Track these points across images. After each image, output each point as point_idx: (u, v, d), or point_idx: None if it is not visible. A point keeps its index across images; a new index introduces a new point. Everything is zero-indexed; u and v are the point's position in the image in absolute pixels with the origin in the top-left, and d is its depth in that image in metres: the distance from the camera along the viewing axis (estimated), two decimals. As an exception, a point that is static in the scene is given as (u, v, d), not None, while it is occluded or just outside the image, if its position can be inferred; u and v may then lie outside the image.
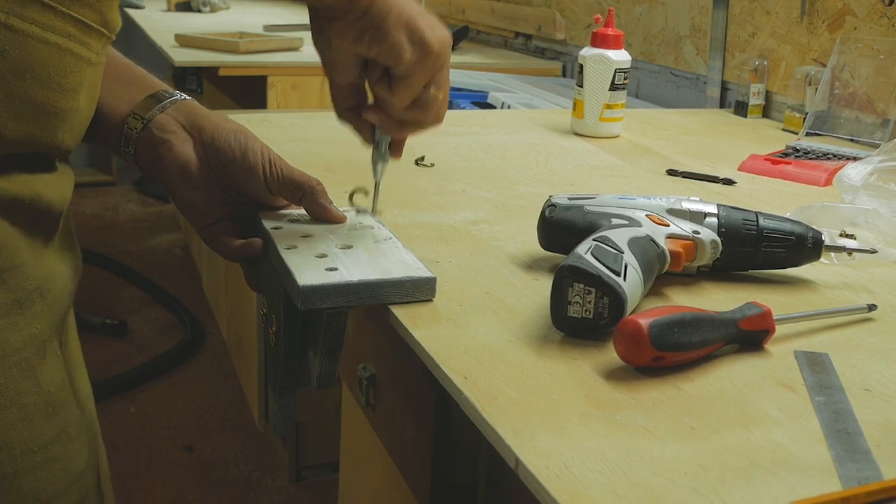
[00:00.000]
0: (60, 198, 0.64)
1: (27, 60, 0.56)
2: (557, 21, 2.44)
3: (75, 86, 0.60)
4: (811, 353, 0.67)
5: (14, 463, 0.60)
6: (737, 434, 0.55)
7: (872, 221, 0.92)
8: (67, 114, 0.60)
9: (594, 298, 0.65)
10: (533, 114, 1.66)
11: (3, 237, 0.59)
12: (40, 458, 0.62)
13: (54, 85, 0.58)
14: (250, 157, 0.75)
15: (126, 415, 2.30)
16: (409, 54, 0.68)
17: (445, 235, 0.90)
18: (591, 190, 1.12)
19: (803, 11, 1.63)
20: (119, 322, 2.69)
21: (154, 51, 2.50)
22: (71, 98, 0.60)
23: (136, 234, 3.59)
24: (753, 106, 1.69)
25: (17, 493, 0.60)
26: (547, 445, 0.52)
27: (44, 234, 0.63)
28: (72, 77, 0.59)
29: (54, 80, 0.58)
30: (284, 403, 0.77)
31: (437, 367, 0.62)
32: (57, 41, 0.57)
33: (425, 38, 0.69)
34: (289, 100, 2.34)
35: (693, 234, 0.77)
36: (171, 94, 0.77)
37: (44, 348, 0.62)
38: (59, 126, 0.60)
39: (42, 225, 0.63)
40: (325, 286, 0.67)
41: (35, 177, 0.61)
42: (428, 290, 0.71)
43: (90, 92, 0.64)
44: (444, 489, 0.92)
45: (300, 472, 2.04)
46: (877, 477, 0.51)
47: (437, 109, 0.74)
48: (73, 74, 0.59)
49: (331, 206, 0.79)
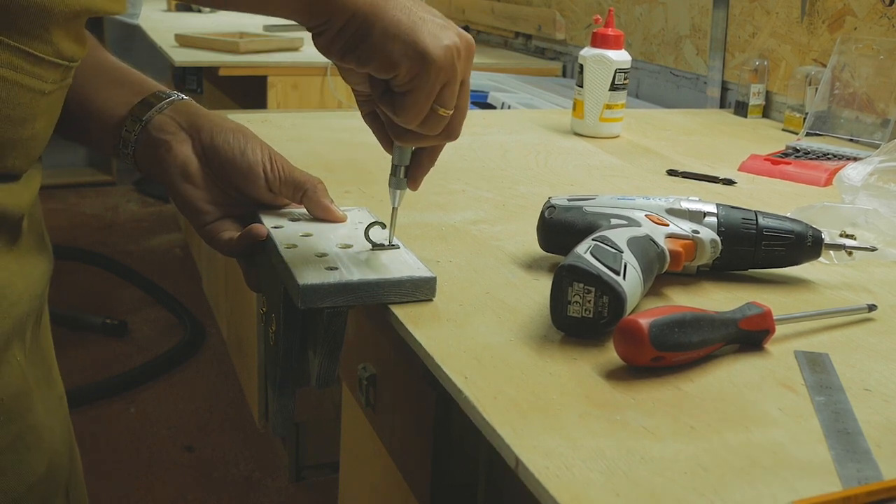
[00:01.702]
0: (18, 203, 0.61)
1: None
2: (557, 21, 2.44)
3: (27, 116, 0.58)
4: (811, 353, 0.67)
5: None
6: (737, 434, 0.55)
7: (872, 221, 0.92)
8: (17, 143, 0.59)
9: (594, 298, 0.65)
10: (533, 114, 1.66)
11: None
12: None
13: (2, 118, 0.56)
14: (250, 156, 0.75)
15: (126, 415, 2.29)
16: (404, 68, 0.61)
17: (445, 235, 0.90)
18: (591, 190, 1.12)
19: (803, 11, 1.63)
20: (119, 322, 2.69)
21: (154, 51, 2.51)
22: (21, 128, 0.58)
23: (136, 234, 3.59)
24: (753, 106, 1.69)
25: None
26: (547, 445, 0.52)
27: (2, 238, 0.61)
28: (21, 108, 0.57)
29: (2, 112, 0.56)
30: (284, 403, 0.77)
31: (437, 367, 0.62)
32: (4, 74, 0.55)
33: (423, 49, 0.61)
34: (289, 100, 2.34)
35: (692, 234, 0.77)
36: (168, 94, 0.77)
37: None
38: (8, 154, 0.59)
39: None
40: (325, 285, 0.67)
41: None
42: (428, 289, 0.71)
43: (48, 117, 0.62)
44: (444, 489, 0.92)
45: (300, 472, 2.04)
46: (877, 477, 0.51)
47: (444, 125, 0.66)
48: (23, 106, 0.57)
49: (332, 204, 0.79)
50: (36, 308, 0.65)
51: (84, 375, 2.43)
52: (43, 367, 0.69)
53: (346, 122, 1.43)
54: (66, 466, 0.70)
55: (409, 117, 0.64)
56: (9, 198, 0.60)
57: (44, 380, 0.68)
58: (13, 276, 0.61)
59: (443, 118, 0.65)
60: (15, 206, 0.61)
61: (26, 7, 0.54)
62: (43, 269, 0.67)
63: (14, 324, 0.61)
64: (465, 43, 0.64)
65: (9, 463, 0.62)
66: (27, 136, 0.59)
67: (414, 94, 0.63)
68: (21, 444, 0.63)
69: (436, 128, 0.66)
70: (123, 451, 2.14)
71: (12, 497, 0.62)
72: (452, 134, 0.68)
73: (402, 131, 0.67)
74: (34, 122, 0.59)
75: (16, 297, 0.61)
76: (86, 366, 2.48)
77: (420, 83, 0.62)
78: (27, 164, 0.62)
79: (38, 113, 0.59)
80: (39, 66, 0.57)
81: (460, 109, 0.67)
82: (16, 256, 0.62)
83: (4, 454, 0.61)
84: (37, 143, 0.61)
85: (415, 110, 0.64)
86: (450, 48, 0.62)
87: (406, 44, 0.61)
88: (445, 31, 0.62)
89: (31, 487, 0.64)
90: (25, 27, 0.55)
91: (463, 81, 0.65)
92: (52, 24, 0.57)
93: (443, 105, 0.64)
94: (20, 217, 0.62)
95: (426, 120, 0.65)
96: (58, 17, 0.56)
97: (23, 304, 0.62)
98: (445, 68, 0.62)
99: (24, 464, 0.63)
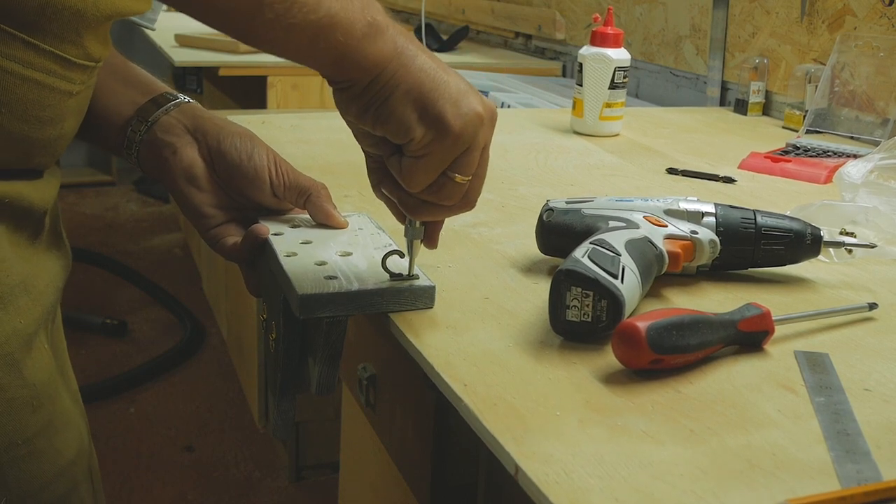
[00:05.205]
0: (42, 198, 0.63)
1: (3, 95, 0.56)
2: (557, 21, 2.43)
3: (55, 117, 0.60)
4: (811, 353, 0.67)
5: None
6: (736, 436, 0.55)
7: (872, 219, 0.92)
8: (46, 142, 0.60)
9: (592, 302, 0.65)
10: (533, 113, 1.66)
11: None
12: (24, 451, 0.62)
13: (32, 119, 0.58)
14: (256, 161, 0.75)
15: (126, 415, 2.30)
16: (419, 135, 0.59)
17: (445, 239, 0.89)
18: (591, 189, 1.12)
19: (803, 11, 1.62)
20: (119, 322, 2.69)
21: (154, 51, 2.50)
22: (50, 128, 0.60)
23: (136, 234, 3.59)
24: (753, 104, 1.69)
25: (0, 486, 0.61)
26: (546, 451, 0.52)
27: (28, 232, 0.63)
28: (51, 110, 0.59)
29: (32, 114, 0.58)
30: (284, 409, 0.77)
31: (436, 375, 0.62)
32: (37, 77, 0.57)
33: (442, 118, 0.59)
34: (289, 100, 2.34)
35: (691, 234, 0.77)
36: (175, 96, 0.77)
37: (30, 342, 0.62)
38: (36, 153, 0.60)
39: (25, 223, 0.62)
40: (324, 295, 0.67)
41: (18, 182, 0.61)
42: (427, 298, 0.71)
43: (76, 116, 0.63)
44: (443, 489, 0.92)
45: (300, 472, 2.04)
46: (876, 478, 0.51)
47: (461, 194, 0.64)
48: (53, 107, 0.59)
49: (334, 210, 0.79)
50: (56, 301, 0.68)
51: (84, 375, 2.43)
52: (60, 360, 0.71)
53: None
54: (89, 454, 0.72)
55: (413, 183, 0.62)
56: (35, 193, 0.62)
57: (59, 372, 0.69)
58: (38, 269, 0.64)
59: (460, 186, 0.63)
60: (40, 200, 0.63)
61: (60, 11, 0.56)
62: (62, 264, 0.69)
63: (43, 312, 0.64)
64: (489, 111, 0.61)
65: (42, 446, 0.64)
66: (56, 135, 0.61)
67: (424, 161, 0.61)
68: (52, 428, 0.65)
69: (452, 196, 0.64)
70: (123, 451, 2.14)
71: (45, 480, 0.64)
72: (469, 203, 0.65)
73: (416, 204, 0.65)
74: (63, 123, 0.61)
75: (43, 287, 0.64)
76: (86, 366, 2.48)
77: (433, 151, 0.60)
78: (52, 162, 0.64)
79: (66, 113, 0.61)
80: (70, 69, 0.59)
81: (478, 177, 0.64)
82: (37, 251, 0.65)
83: (38, 437, 0.63)
84: (63, 142, 0.63)
85: (421, 177, 0.62)
86: (469, 117, 0.60)
87: (426, 110, 0.59)
88: (467, 97, 0.60)
89: (62, 471, 0.66)
90: (59, 31, 0.57)
91: (484, 147, 0.63)
92: (84, 28, 0.58)
93: (460, 172, 0.62)
94: (44, 213, 0.65)
95: (442, 188, 0.63)
96: (90, 21, 0.58)
97: (49, 295, 0.65)
98: (463, 138, 0.60)
99: (55, 448, 0.65)
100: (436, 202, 0.64)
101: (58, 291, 0.67)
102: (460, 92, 0.60)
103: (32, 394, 0.62)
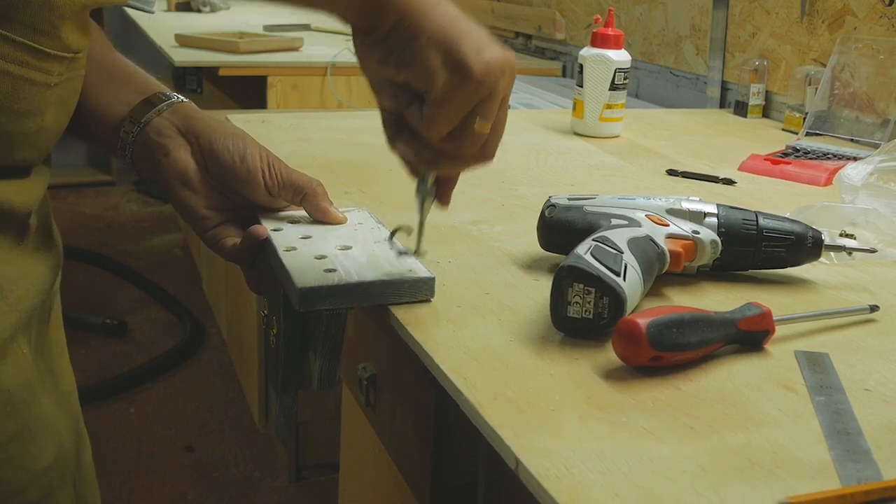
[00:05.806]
0: (25, 200, 0.62)
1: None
2: (557, 21, 2.44)
3: (33, 109, 0.59)
4: (811, 353, 0.67)
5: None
6: (737, 434, 0.55)
7: (872, 221, 0.92)
8: (26, 136, 0.60)
9: (594, 298, 0.65)
10: (533, 114, 1.66)
11: None
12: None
13: (8, 111, 0.57)
14: (249, 162, 0.75)
15: (126, 415, 2.29)
16: (442, 79, 0.59)
17: (445, 236, 0.89)
18: (591, 190, 1.12)
19: (803, 11, 1.63)
20: (119, 322, 2.69)
21: (154, 51, 2.51)
22: (29, 121, 0.59)
23: (136, 234, 3.59)
24: (753, 106, 1.69)
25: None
26: (547, 446, 0.52)
27: (11, 235, 0.62)
28: (27, 102, 0.58)
29: (7, 105, 0.57)
30: (286, 405, 0.77)
31: (437, 369, 0.62)
32: (10, 69, 0.56)
33: (465, 62, 0.58)
34: (289, 100, 2.34)
35: (693, 234, 0.77)
36: (168, 96, 0.76)
37: (4, 348, 0.61)
38: (16, 147, 0.59)
39: (6, 226, 0.61)
40: (324, 287, 0.67)
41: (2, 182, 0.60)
42: (427, 290, 0.71)
43: (58, 109, 0.62)
44: (444, 489, 0.92)
45: (300, 472, 2.04)
46: (876, 477, 0.51)
47: (480, 144, 0.63)
48: (29, 99, 0.58)
49: (331, 207, 0.79)
50: (42, 303, 0.67)
51: (84, 375, 2.43)
52: (49, 361, 0.70)
53: (346, 122, 1.43)
54: (73, 459, 0.71)
55: (434, 130, 0.61)
56: (17, 195, 0.61)
57: (49, 373, 0.69)
58: (20, 272, 0.63)
59: (479, 136, 0.62)
60: (23, 203, 0.62)
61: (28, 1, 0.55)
62: (51, 265, 0.68)
63: (20, 317, 0.62)
64: (510, 61, 0.61)
65: (15, 452, 0.63)
66: (35, 128, 0.60)
67: (446, 106, 0.60)
68: (27, 433, 0.64)
69: (471, 146, 0.63)
70: (123, 451, 2.14)
71: (18, 486, 0.63)
72: (487, 155, 0.65)
73: (433, 155, 0.64)
74: (42, 115, 0.60)
75: (22, 292, 0.63)
76: (86, 366, 2.48)
77: (455, 96, 0.60)
78: (38, 158, 0.62)
79: (45, 106, 0.60)
80: (45, 60, 0.58)
81: (496, 130, 0.64)
82: (23, 253, 0.64)
83: (11, 443, 0.62)
84: (47, 136, 0.62)
85: (442, 123, 0.61)
86: (492, 64, 0.59)
87: (450, 54, 0.59)
88: (489, 46, 0.60)
89: (38, 477, 0.65)
90: (31, 21, 0.56)
91: (504, 98, 0.62)
92: (58, 18, 0.57)
93: (483, 117, 0.61)
94: (28, 214, 0.63)
95: (462, 138, 0.62)
96: (64, 10, 0.57)
97: (29, 299, 0.64)
98: (486, 84, 0.59)
99: (29, 453, 0.64)
100: (454, 153, 0.63)
101: (42, 294, 0.66)
102: (482, 40, 0.60)
103: (5, 399, 0.61)
